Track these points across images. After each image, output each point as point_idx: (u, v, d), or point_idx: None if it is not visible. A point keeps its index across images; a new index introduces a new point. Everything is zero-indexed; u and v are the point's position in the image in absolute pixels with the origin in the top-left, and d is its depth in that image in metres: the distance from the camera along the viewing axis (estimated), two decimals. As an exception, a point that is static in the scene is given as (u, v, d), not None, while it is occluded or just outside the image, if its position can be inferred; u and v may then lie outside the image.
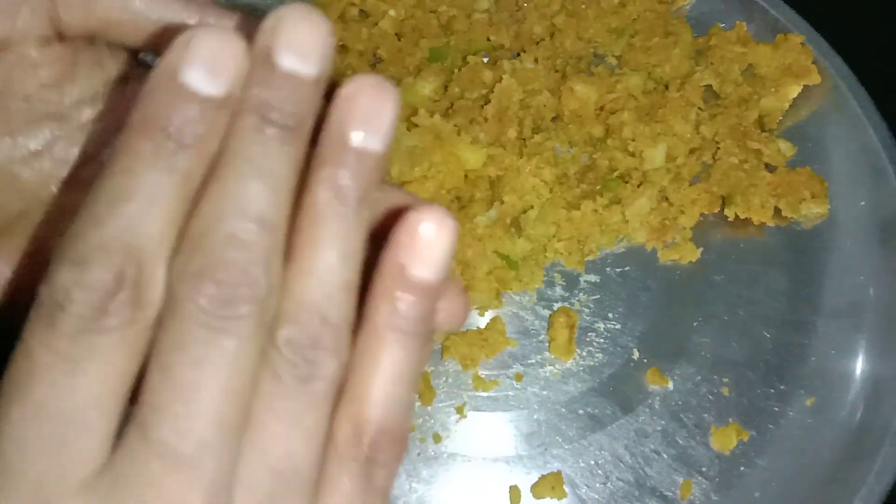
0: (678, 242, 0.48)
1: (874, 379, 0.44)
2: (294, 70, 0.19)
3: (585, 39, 0.53)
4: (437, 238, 0.20)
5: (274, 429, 0.19)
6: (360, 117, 0.20)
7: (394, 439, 0.20)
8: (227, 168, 0.19)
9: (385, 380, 0.20)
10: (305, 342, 0.19)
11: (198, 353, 0.18)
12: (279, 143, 0.19)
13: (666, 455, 0.44)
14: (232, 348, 0.18)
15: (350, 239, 0.20)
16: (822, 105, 0.51)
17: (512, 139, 0.48)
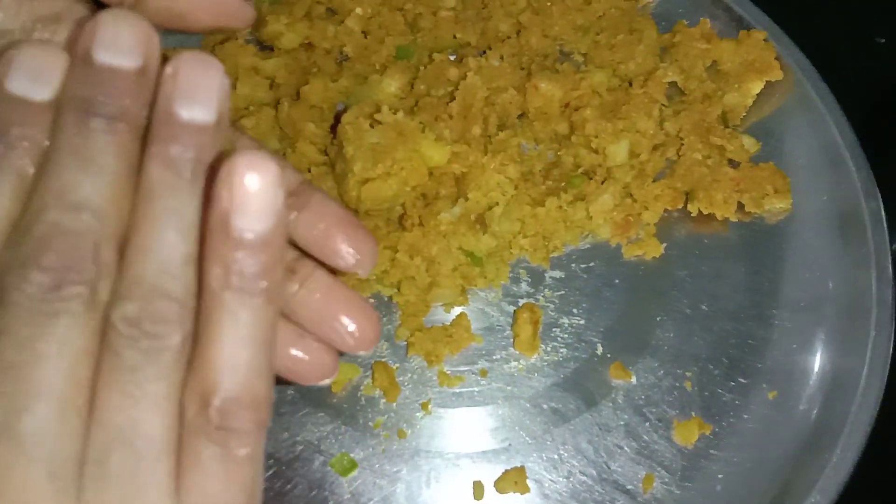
0: (642, 238, 0.48)
1: (834, 372, 0.45)
2: (111, 64, 0.20)
3: (551, 37, 0.53)
4: (258, 186, 0.19)
5: (117, 402, 0.19)
6: (183, 92, 0.20)
7: (247, 405, 0.20)
8: (51, 162, 0.20)
9: (228, 344, 0.20)
10: (145, 317, 0.19)
11: (27, 336, 0.18)
12: (104, 133, 0.20)
13: (629, 449, 0.44)
14: (62, 330, 0.18)
15: (186, 212, 0.20)
16: (785, 101, 0.52)
17: (477, 136, 0.48)
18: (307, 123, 0.49)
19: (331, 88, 0.51)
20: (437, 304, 0.47)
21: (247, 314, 0.20)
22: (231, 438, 0.20)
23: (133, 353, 0.19)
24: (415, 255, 0.46)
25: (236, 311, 0.20)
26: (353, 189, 0.45)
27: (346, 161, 0.45)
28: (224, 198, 0.19)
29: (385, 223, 0.47)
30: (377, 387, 0.45)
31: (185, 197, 0.20)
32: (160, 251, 0.19)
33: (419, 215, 0.46)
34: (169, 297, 0.19)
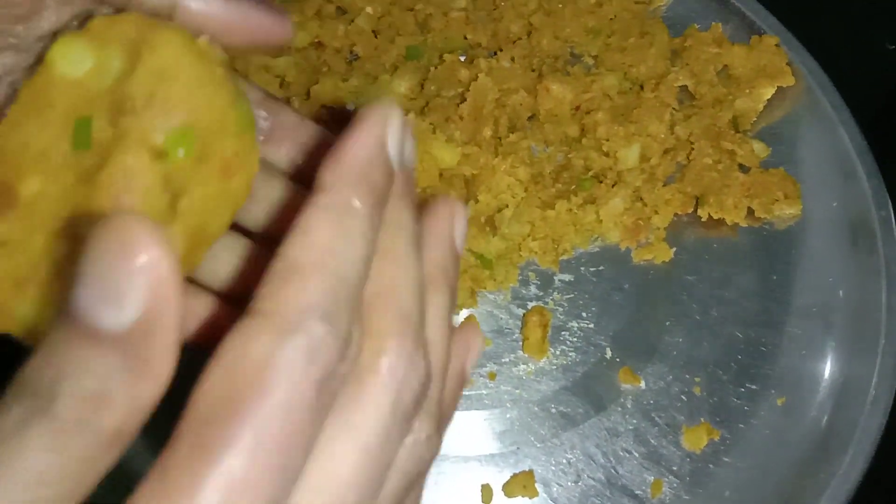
0: (652, 242, 0.48)
1: (843, 379, 0.45)
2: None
3: (562, 39, 0.53)
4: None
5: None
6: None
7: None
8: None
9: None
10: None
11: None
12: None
13: (637, 454, 0.44)
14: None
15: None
16: (796, 106, 0.52)
17: (487, 138, 0.48)
18: (317, 123, 0.48)
19: (341, 88, 0.50)
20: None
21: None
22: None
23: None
24: (424, 256, 0.46)
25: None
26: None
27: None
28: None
29: (394, 224, 0.47)
30: (385, 388, 0.45)
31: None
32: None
33: (429, 217, 0.46)
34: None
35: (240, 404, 0.17)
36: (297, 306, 0.18)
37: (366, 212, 0.20)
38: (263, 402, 0.17)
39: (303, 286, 0.18)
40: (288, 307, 0.18)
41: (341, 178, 0.20)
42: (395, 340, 0.21)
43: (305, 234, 0.19)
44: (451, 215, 0.25)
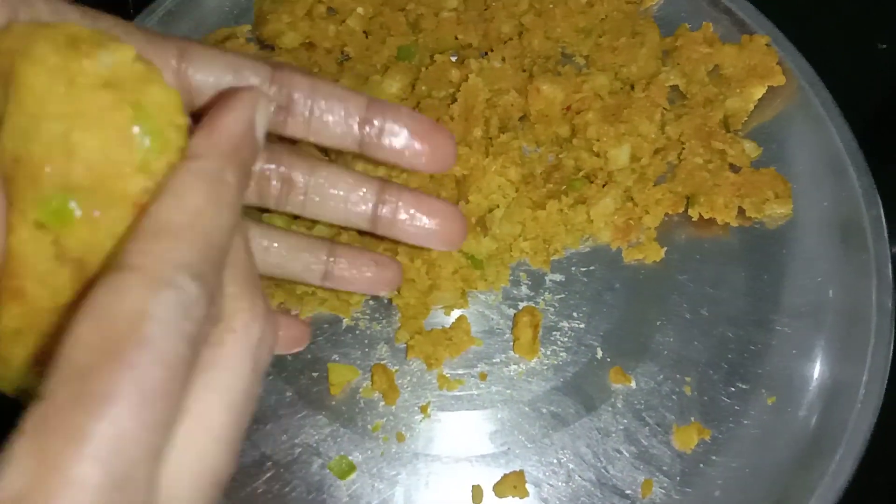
0: (643, 242, 0.48)
1: (833, 379, 0.45)
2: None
3: (553, 39, 0.53)
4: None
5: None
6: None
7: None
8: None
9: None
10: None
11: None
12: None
13: (628, 454, 0.44)
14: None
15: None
16: (787, 106, 0.52)
17: (478, 138, 0.48)
18: (308, 124, 0.48)
19: (332, 88, 0.50)
20: (436, 306, 0.47)
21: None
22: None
23: None
24: (415, 257, 0.46)
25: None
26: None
27: (346, 162, 0.45)
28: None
29: (385, 225, 0.47)
30: (376, 389, 0.45)
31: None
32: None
33: (420, 217, 0.46)
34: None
35: (120, 355, 0.18)
36: (170, 262, 0.19)
37: (234, 184, 0.21)
38: (143, 353, 0.18)
39: (175, 244, 0.19)
40: (160, 263, 0.19)
41: (216, 148, 0.21)
42: (247, 302, 0.22)
43: (178, 197, 0.20)
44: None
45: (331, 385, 0.45)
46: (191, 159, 0.21)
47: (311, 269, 0.38)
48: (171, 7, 0.54)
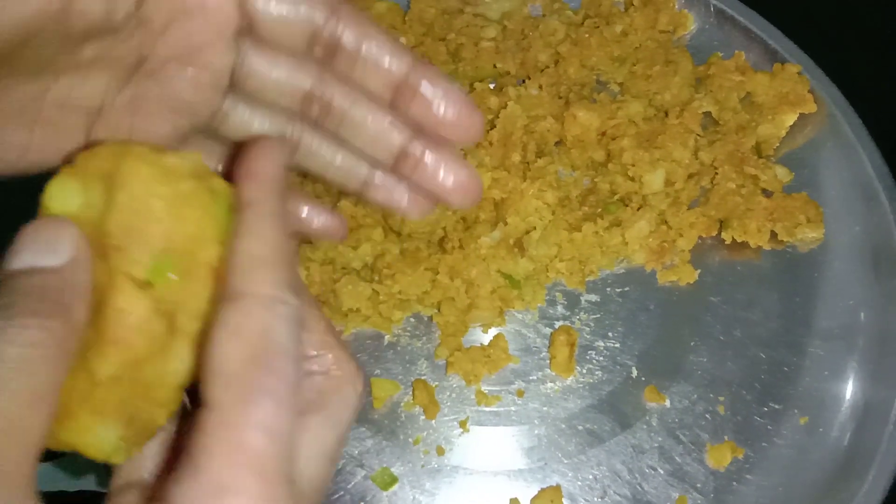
0: (676, 264, 0.50)
1: (864, 401, 0.46)
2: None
3: (588, 67, 0.55)
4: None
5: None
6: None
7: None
8: None
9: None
10: None
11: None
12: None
13: (662, 471, 0.45)
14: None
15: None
16: (818, 133, 0.53)
17: (516, 163, 0.50)
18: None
19: (376, 115, 0.52)
20: (475, 324, 0.48)
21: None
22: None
23: None
24: (455, 277, 0.47)
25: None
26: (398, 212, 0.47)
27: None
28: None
29: (426, 246, 0.49)
30: (417, 404, 0.47)
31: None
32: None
33: (459, 239, 0.48)
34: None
35: (264, 361, 0.23)
36: (274, 284, 0.24)
37: (286, 215, 0.26)
38: (279, 357, 0.23)
39: (271, 270, 0.24)
40: (267, 286, 0.24)
41: (265, 191, 0.26)
42: (352, 361, 0.29)
43: (257, 234, 0.25)
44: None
45: (374, 399, 0.47)
46: (252, 204, 0.25)
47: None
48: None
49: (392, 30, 0.55)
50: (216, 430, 0.22)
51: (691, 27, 0.57)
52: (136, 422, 0.25)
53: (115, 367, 0.24)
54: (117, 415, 0.24)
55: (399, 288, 0.47)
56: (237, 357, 0.23)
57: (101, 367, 0.24)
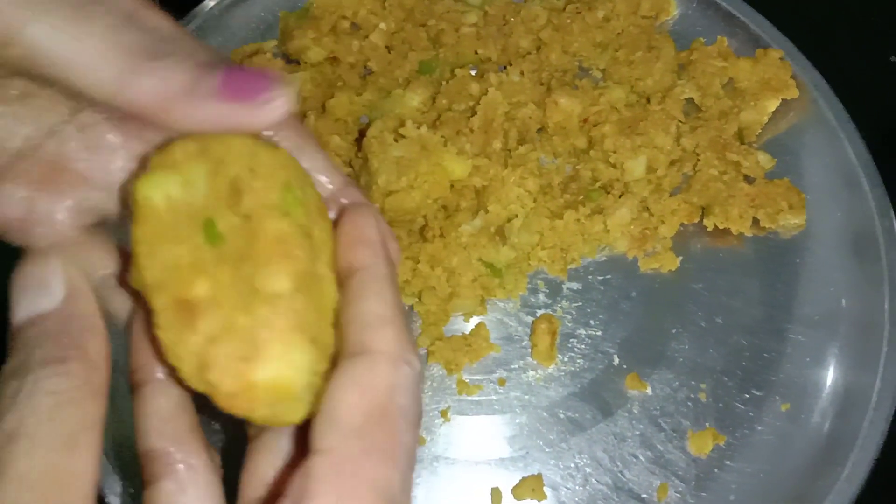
0: (658, 251, 0.49)
1: (846, 386, 0.46)
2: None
3: (570, 53, 0.54)
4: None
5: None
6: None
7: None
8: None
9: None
10: None
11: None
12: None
13: (644, 458, 0.45)
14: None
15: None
16: (801, 118, 0.53)
17: (497, 150, 0.49)
18: (332, 136, 0.50)
19: (355, 102, 0.52)
20: (456, 313, 0.48)
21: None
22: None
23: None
24: (436, 265, 0.47)
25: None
26: (377, 201, 0.46)
27: (370, 174, 0.47)
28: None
29: (407, 234, 0.48)
30: (398, 394, 0.46)
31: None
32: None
33: (440, 227, 0.48)
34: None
35: (386, 419, 0.23)
36: (400, 344, 0.24)
37: (396, 277, 0.26)
38: (401, 420, 0.23)
39: (396, 329, 0.24)
40: (395, 345, 0.24)
41: (377, 256, 0.26)
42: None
43: (377, 295, 0.25)
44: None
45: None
46: (368, 267, 0.26)
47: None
48: (200, 23, 0.56)
49: (371, 16, 0.55)
50: (327, 478, 0.22)
51: (674, 12, 0.57)
52: (318, 344, 0.24)
53: (289, 280, 0.24)
54: (304, 335, 0.24)
55: (379, 277, 0.47)
56: (360, 410, 0.23)
57: (277, 282, 0.24)
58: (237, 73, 0.25)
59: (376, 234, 0.27)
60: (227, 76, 0.24)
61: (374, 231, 0.27)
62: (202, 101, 0.24)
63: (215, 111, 0.24)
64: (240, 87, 0.24)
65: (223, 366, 0.23)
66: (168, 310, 0.23)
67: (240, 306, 0.23)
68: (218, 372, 0.23)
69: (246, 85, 0.24)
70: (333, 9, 0.55)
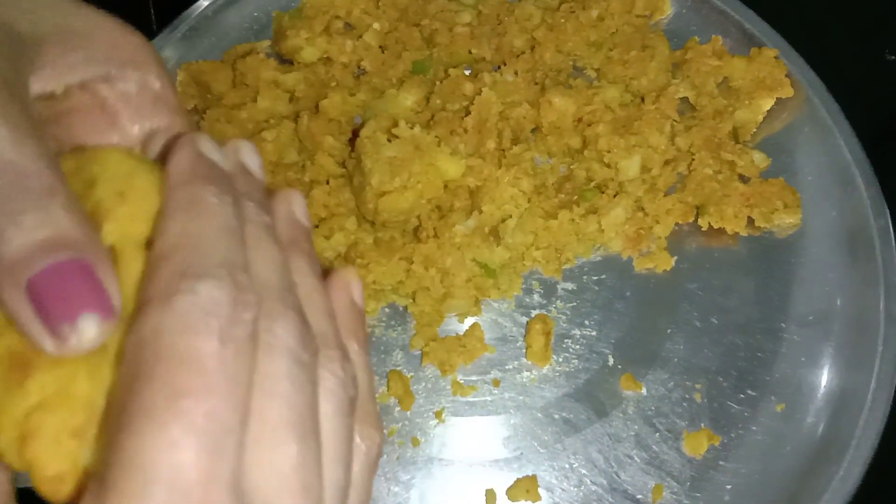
0: (653, 251, 0.49)
1: (841, 386, 0.45)
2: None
3: (564, 53, 0.54)
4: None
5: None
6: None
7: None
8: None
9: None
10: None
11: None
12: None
13: (639, 459, 0.45)
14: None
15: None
16: (795, 117, 0.53)
17: (491, 150, 0.49)
18: (326, 136, 0.50)
19: (349, 102, 0.52)
20: (451, 314, 0.48)
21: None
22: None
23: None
24: (430, 266, 0.47)
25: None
26: (371, 201, 0.46)
27: (364, 174, 0.46)
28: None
29: (401, 235, 0.48)
30: (392, 395, 0.46)
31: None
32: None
33: (434, 227, 0.47)
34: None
35: (152, 375, 0.18)
36: (168, 279, 0.20)
37: (209, 195, 0.22)
38: (169, 365, 0.19)
39: (167, 265, 0.20)
40: (162, 283, 0.20)
41: (175, 184, 0.22)
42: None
43: (162, 235, 0.21)
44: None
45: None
46: (164, 204, 0.22)
47: None
48: (193, 24, 0.56)
49: (365, 16, 0.55)
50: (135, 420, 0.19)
51: (668, 11, 0.56)
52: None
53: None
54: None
55: (373, 278, 0.47)
56: (132, 372, 0.20)
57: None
58: (50, 280, 0.20)
59: (180, 161, 0.23)
60: (36, 279, 0.20)
61: (177, 159, 0.23)
62: (10, 289, 0.20)
63: (16, 306, 0.20)
64: (43, 300, 0.20)
65: (47, 440, 0.19)
66: (0, 363, 0.20)
67: (82, 367, 0.20)
68: (40, 447, 0.19)
69: (49, 302, 0.20)
70: (327, 8, 0.55)
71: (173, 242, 0.21)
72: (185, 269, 0.20)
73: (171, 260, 0.20)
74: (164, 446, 0.18)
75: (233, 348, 0.19)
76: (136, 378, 0.19)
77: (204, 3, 0.56)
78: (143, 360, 0.19)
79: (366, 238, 0.48)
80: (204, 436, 0.18)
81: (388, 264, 0.47)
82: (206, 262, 0.20)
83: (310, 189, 0.48)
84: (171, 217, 0.21)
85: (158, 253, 0.21)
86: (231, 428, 0.19)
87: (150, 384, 0.18)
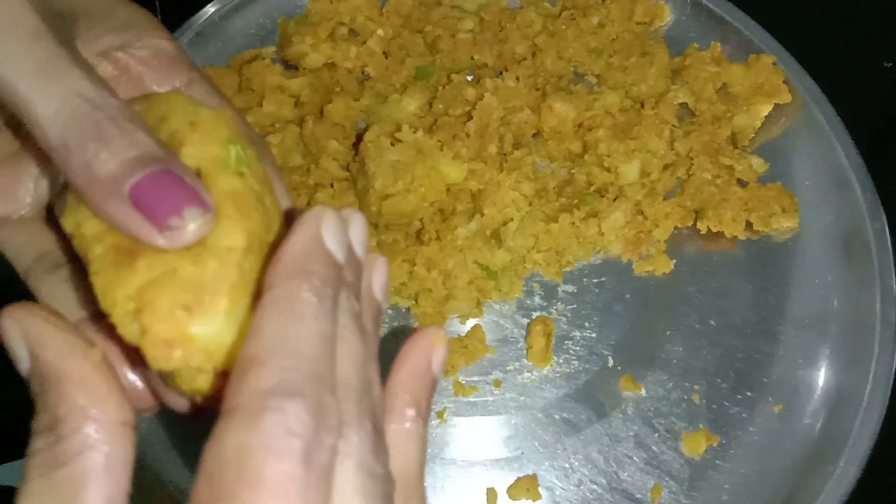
0: (652, 255, 0.50)
1: (837, 387, 0.46)
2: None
3: (565, 59, 0.55)
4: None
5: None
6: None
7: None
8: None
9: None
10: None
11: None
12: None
13: (638, 459, 0.45)
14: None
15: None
16: (793, 123, 0.53)
17: (493, 154, 0.50)
18: (330, 140, 0.51)
19: (353, 107, 0.53)
20: (453, 315, 0.49)
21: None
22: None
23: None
24: (432, 268, 0.48)
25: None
26: (374, 204, 0.47)
27: (367, 177, 0.47)
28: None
29: (404, 237, 0.49)
30: (395, 395, 0.47)
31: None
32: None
33: (437, 230, 0.48)
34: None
35: (232, 496, 0.19)
36: (258, 392, 0.20)
37: (311, 296, 0.21)
38: (251, 489, 0.19)
39: (258, 374, 0.20)
40: (251, 395, 0.20)
41: (282, 275, 0.22)
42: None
43: (255, 333, 0.21)
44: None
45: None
46: (264, 294, 0.21)
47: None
48: (199, 29, 0.57)
49: (369, 22, 0.56)
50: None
51: (668, 18, 0.57)
52: (249, 312, 0.22)
53: (244, 238, 0.22)
54: (247, 297, 0.22)
55: (376, 279, 0.47)
56: (210, 494, 0.20)
57: (231, 238, 0.22)
58: (150, 186, 0.22)
59: (296, 246, 0.22)
60: (137, 187, 0.22)
61: (294, 243, 0.22)
62: (114, 201, 0.22)
63: (121, 215, 0.22)
64: (148, 202, 0.22)
65: (161, 310, 0.21)
66: (107, 254, 0.22)
67: (186, 255, 0.22)
68: (154, 316, 0.21)
69: (154, 202, 0.22)
70: (332, 15, 0.55)
71: (268, 347, 0.20)
72: (276, 385, 0.20)
73: (263, 368, 0.20)
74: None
75: (316, 474, 0.19)
76: (219, 498, 0.19)
77: (210, 9, 0.57)
78: (225, 478, 0.19)
79: (369, 240, 0.48)
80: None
81: (391, 266, 0.47)
82: (297, 377, 0.20)
83: (314, 192, 0.49)
84: (269, 316, 0.21)
85: (252, 354, 0.20)
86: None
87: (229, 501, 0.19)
